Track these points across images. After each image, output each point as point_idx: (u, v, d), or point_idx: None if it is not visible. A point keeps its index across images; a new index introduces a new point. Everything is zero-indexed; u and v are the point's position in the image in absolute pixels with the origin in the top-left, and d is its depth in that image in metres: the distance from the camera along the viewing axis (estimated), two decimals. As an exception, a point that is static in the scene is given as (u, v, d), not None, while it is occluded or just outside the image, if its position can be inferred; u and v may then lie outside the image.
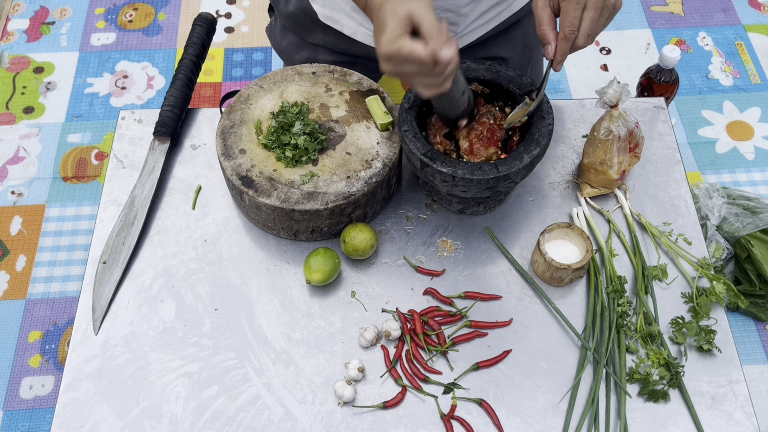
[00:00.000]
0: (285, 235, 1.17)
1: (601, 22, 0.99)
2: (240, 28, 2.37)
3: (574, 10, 0.96)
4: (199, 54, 1.32)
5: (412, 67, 0.87)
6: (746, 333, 1.78)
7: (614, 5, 0.99)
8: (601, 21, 0.99)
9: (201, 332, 1.10)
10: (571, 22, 0.97)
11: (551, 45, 1.00)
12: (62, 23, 2.37)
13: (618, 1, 0.99)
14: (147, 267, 1.16)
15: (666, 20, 2.39)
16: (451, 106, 1.06)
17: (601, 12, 0.98)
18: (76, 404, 1.04)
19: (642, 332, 1.08)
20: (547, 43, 1.00)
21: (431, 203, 1.22)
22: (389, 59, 0.87)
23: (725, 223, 1.76)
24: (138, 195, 1.20)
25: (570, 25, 0.97)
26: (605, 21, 1.00)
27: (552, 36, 1.00)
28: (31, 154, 2.08)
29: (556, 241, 1.14)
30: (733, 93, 2.21)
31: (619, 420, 1.03)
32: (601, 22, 0.99)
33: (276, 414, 1.04)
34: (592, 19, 0.97)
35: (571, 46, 1.00)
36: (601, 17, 0.98)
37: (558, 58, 1.00)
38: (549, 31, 1.00)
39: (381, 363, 1.08)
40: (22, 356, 1.75)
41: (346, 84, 1.23)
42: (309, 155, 1.13)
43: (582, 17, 0.97)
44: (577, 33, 0.98)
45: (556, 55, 1.00)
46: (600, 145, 1.16)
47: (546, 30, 1.00)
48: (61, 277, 1.86)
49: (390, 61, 0.88)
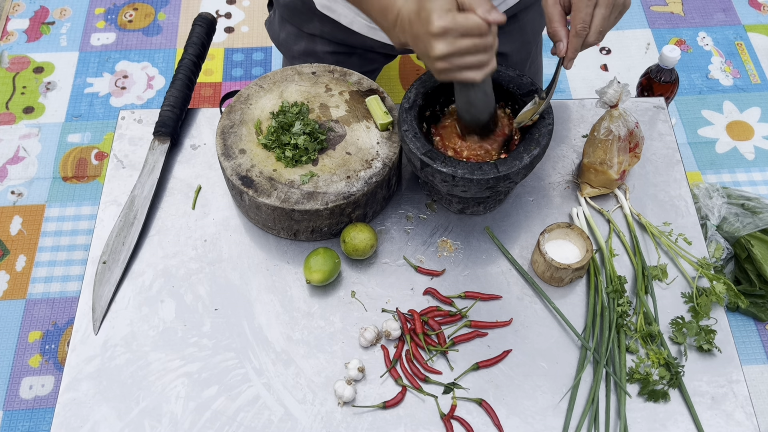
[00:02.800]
0: (285, 235, 1.17)
1: (612, 20, 0.99)
2: (240, 28, 2.37)
3: (585, 7, 0.96)
4: (199, 54, 1.32)
5: (467, 41, 0.89)
6: (746, 333, 1.78)
7: (624, 3, 0.98)
8: (612, 18, 0.99)
9: (201, 332, 1.10)
10: (583, 18, 0.97)
11: (563, 42, 0.99)
12: (62, 23, 2.37)
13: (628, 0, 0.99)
14: (147, 267, 1.16)
15: (666, 20, 2.39)
16: (486, 100, 1.06)
17: (612, 9, 0.97)
18: (76, 404, 1.04)
19: (642, 332, 1.08)
20: (559, 40, 1.00)
21: (431, 203, 1.22)
22: (445, 34, 0.89)
23: (725, 223, 1.76)
24: (138, 195, 1.20)
25: (582, 22, 0.97)
26: (615, 18, 1.00)
27: (563, 33, 0.99)
28: (31, 154, 2.08)
29: (556, 241, 1.14)
30: (733, 93, 2.21)
31: (619, 420, 1.03)
32: (612, 19, 0.99)
33: (276, 414, 1.04)
34: (603, 16, 0.97)
35: (582, 43, 0.99)
36: (612, 14, 0.98)
37: (569, 55, 1.00)
38: (560, 28, 1.00)
39: (381, 363, 1.08)
40: (22, 356, 1.75)
41: (346, 84, 1.23)
42: (309, 155, 1.13)
43: (594, 14, 0.97)
44: (589, 30, 0.98)
45: (567, 52, 0.99)
46: (600, 145, 1.16)
47: (557, 27, 1.00)
48: (61, 277, 1.86)
49: (445, 39, 0.89)
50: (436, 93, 1.14)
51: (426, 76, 1.14)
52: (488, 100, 1.06)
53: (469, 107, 1.07)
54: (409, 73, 2.25)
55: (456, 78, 0.94)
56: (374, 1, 1.01)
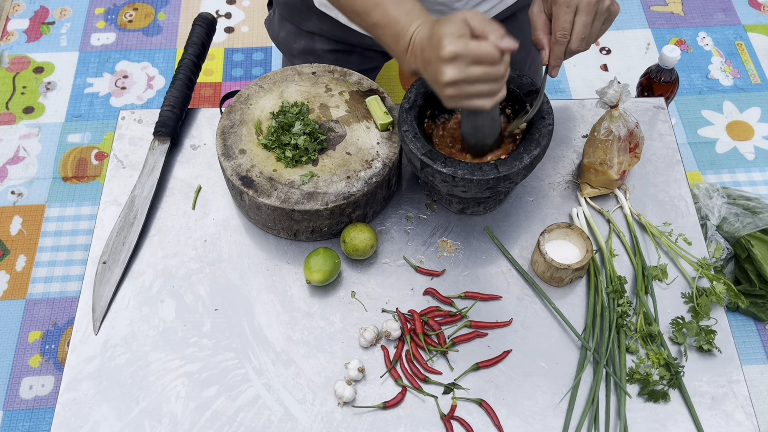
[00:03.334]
0: (285, 235, 1.17)
1: (597, 26, 1.00)
2: (240, 28, 2.37)
3: (564, 14, 0.98)
4: (199, 54, 1.32)
5: (478, 69, 0.87)
6: (746, 333, 1.78)
7: (609, 9, 0.99)
8: (597, 25, 1.00)
9: (201, 332, 1.10)
10: (562, 25, 0.98)
11: (546, 50, 1.01)
12: (62, 23, 2.37)
13: (614, 6, 1.00)
14: (147, 267, 1.16)
15: (666, 20, 2.39)
16: (493, 125, 1.05)
17: (595, 16, 0.98)
18: (76, 404, 1.04)
19: (642, 332, 1.08)
20: (542, 48, 1.02)
21: (431, 203, 1.22)
22: (455, 60, 0.86)
23: (725, 223, 1.76)
24: (138, 195, 1.20)
25: (561, 29, 0.98)
26: (601, 25, 1.00)
27: (546, 41, 1.01)
28: (31, 154, 2.08)
29: (556, 241, 1.14)
30: (733, 93, 2.21)
31: (619, 420, 1.03)
32: (597, 26, 1.00)
33: (276, 414, 1.04)
34: (584, 23, 0.98)
35: (565, 50, 1.00)
36: (596, 21, 0.99)
37: (552, 63, 1.02)
38: (543, 36, 1.02)
39: (381, 363, 1.08)
40: (22, 356, 1.75)
41: (346, 84, 1.23)
42: (309, 155, 1.13)
43: (574, 21, 0.98)
44: (570, 36, 0.99)
45: (550, 60, 1.01)
46: (600, 145, 1.16)
47: (540, 35, 1.02)
48: (61, 277, 1.86)
49: (456, 64, 0.86)
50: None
51: (426, 76, 1.14)
52: (495, 125, 1.06)
53: (475, 132, 1.07)
54: (409, 73, 2.25)
55: (465, 105, 0.92)
56: (387, 27, 0.99)
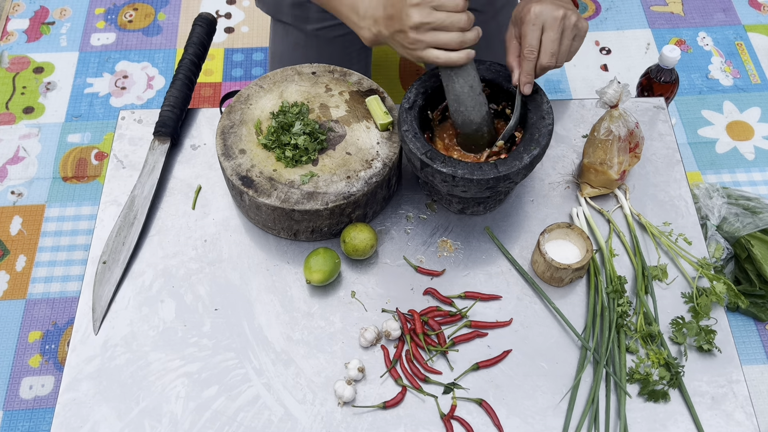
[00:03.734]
0: (285, 235, 1.17)
1: (566, 43, 1.03)
2: (240, 28, 2.37)
3: (531, 32, 1.02)
4: (199, 54, 1.32)
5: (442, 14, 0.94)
6: (746, 333, 1.78)
7: (576, 25, 1.03)
8: (566, 42, 1.03)
9: (201, 332, 1.10)
10: (530, 42, 1.02)
11: (516, 71, 1.06)
12: (62, 23, 2.37)
13: (581, 23, 1.03)
14: (147, 267, 1.16)
15: (666, 20, 2.39)
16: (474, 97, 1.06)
17: (563, 33, 1.02)
18: (76, 404, 1.04)
19: (642, 332, 1.08)
20: (512, 70, 1.06)
21: (431, 203, 1.22)
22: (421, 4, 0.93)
23: (725, 223, 1.76)
24: (138, 195, 1.20)
25: (528, 46, 1.02)
26: (570, 42, 1.04)
27: (516, 63, 1.06)
28: (31, 154, 2.08)
29: (556, 241, 1.14)
30: (733, 93, 2.21)
31: (619, 420, 1.03)
32: (566, 43, 1.03)
33: (276, 414, 1.04)
34: (551, 39, 1.01)
35: (534, 66, 1.04)
36: (564, 38, 1.02)
37: (523, 80, 1.05)
38: (513, 60, 1.06)
39: (381, 363, 1.08)
40: (22, 356, 1.75)
41: (346, 84, 1.23)
42: (309, 155, 1.13)
43: (542, 38, 1.02)
44: (538, 53, 1.02)
45: (521, 76, 1.05)
46: (600, 145, 1.16)
47: (510, 59, 1.07)
48: (61, 277, 1.86)
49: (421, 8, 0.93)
50: (436, 93, 1.14)
51: (426, 76, 1.14)
52: (476, 97, 1.07)
53: (458, 105, 1.07)
54: (409, 73, 2.25)
55: (432, 58, 0.97)
56: None
